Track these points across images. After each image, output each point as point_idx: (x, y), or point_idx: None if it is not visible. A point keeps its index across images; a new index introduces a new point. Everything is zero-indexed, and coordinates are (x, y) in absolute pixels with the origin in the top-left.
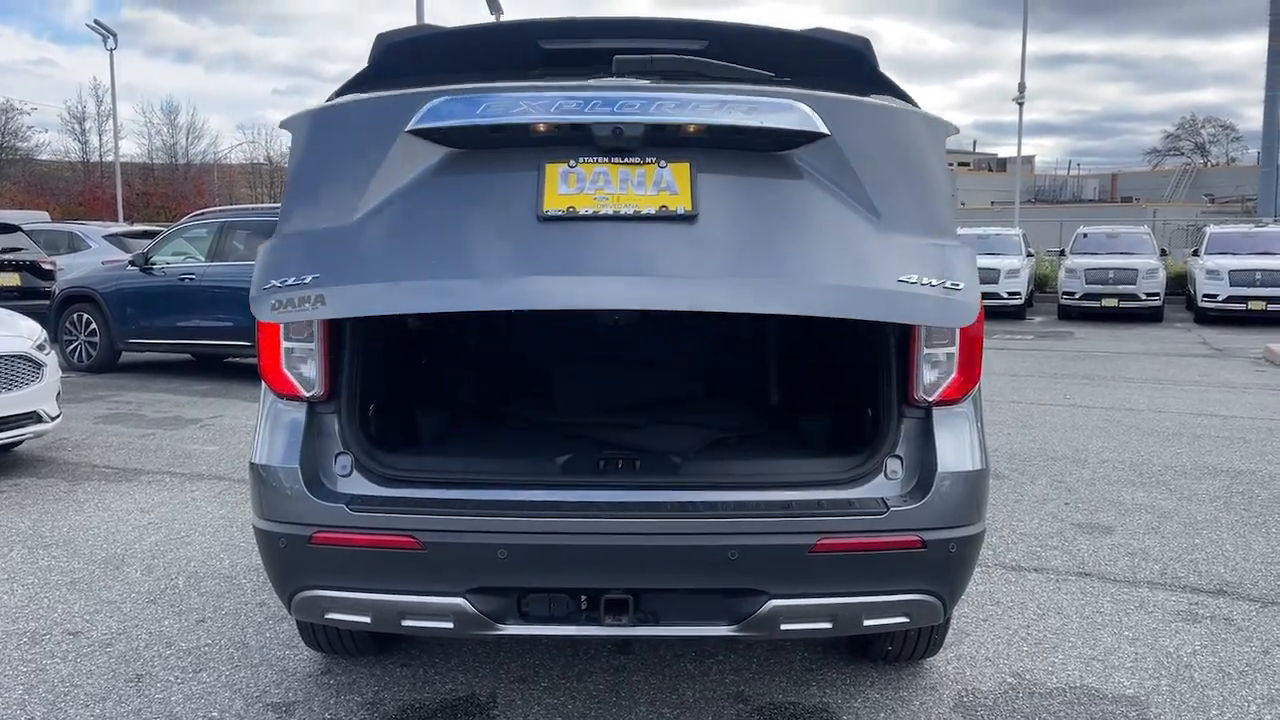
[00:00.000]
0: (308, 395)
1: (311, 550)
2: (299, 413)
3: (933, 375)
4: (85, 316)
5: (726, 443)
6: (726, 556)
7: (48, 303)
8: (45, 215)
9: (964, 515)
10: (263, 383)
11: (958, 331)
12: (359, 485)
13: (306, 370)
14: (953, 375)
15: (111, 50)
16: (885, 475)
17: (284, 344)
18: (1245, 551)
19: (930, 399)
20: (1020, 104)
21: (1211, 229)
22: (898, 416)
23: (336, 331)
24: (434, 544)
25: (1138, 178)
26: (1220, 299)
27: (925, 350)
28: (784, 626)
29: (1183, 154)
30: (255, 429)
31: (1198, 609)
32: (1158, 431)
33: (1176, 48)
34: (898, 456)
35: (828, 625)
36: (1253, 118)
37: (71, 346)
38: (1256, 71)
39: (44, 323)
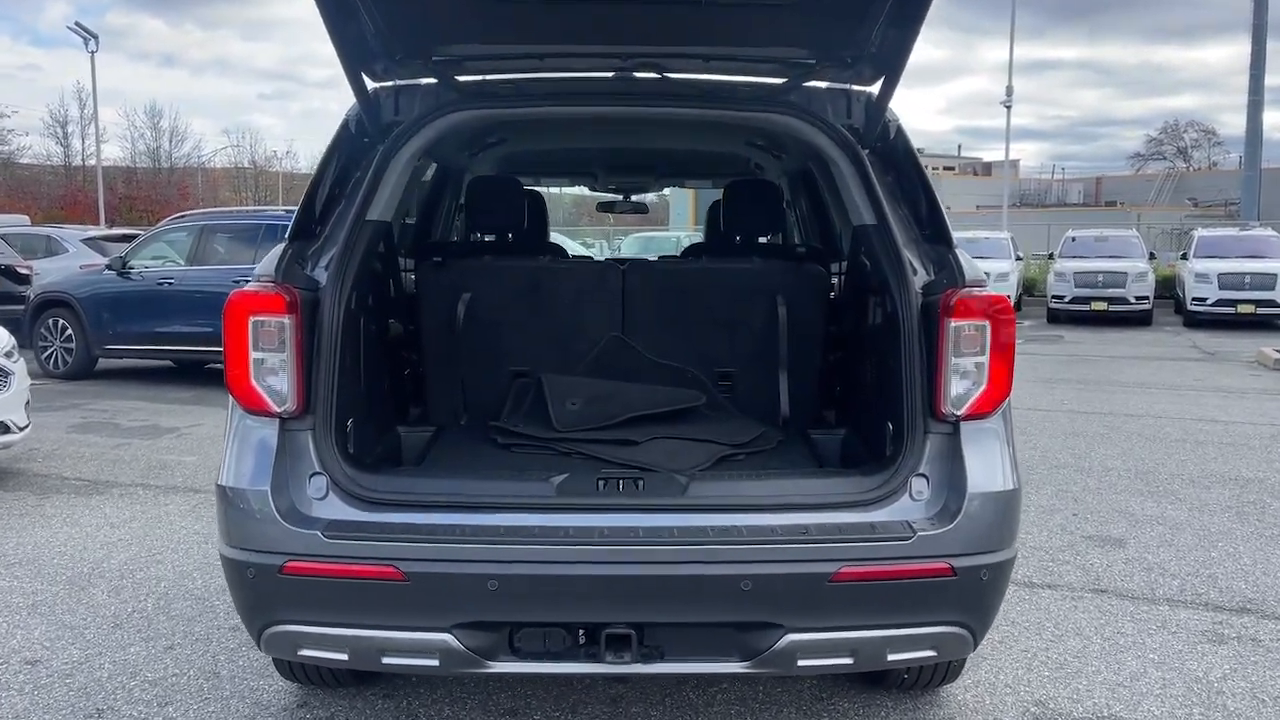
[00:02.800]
0: (279, 410)
1: (282, 581)
2: (270, 430)
3: (961, 387)
4: (61, 322)
5: (735, 460)
6: (739, 587)
7: (22, 308)
8: (25, 219)
9: (996, 539)
10: (230, 397)
11: (988, 338)
12: (335, 509)
13: (277, 383)
14: (983, 387)
15: (93, 52)
16: (910, 496)
17: (252, 354)
18: (1265, 565)
19: (959, 413)
20: (1008, 107)
21: (1200, 232)
22: (923, 432)
23: (310, 339)
24: (417, 574)
25: (1121, 181)
26: (1209, 302)
27: (954, 359)
28: (801, 662)
29: (1165, 158)
30: (223, 447)
31: (1222, 629)
32: (1160, 438)
33: (1152, 54)
34: (923, 475)
35: (849, 661)
36: (1228, 123)
37: (47, 353)
38: (1231, 78)
39: (18, 328)
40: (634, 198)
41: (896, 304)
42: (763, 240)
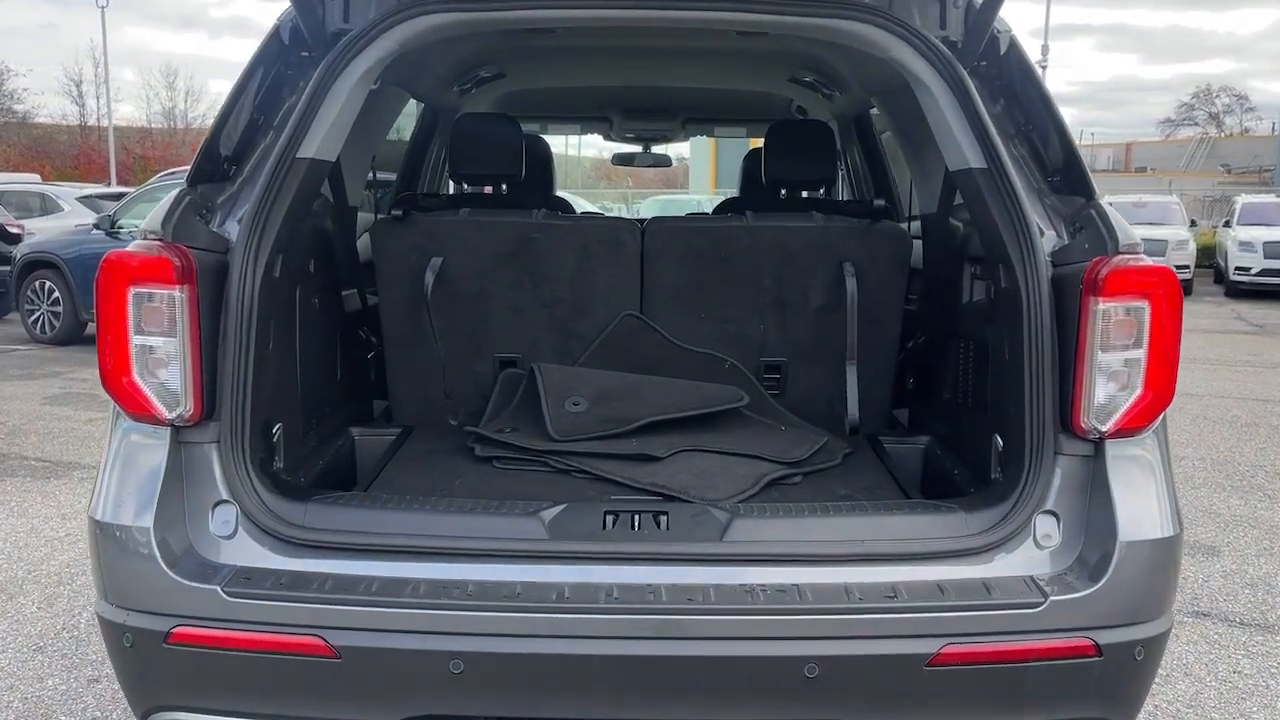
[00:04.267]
0: (170, 416)
1: (169, 653)
2: (158, 443)
3: (1108, 391)
4: (48, 284)
5: (790, 483)
6: (801, 673)
7: (9, 269)
8: (36, 177)
9: (1154, 605)
10: (110, 400)
11: (1147, 325)
12: (246, 553)
13: (169, 377)
14: (1137, 392)
15: (103, 8)
16: (1035, 542)
17: (134, 338)
18: None
19: (1104, 428)
20: (1044, 67)
21: (1243, 199)
22: (1053, 452)
23: (214, 318)
24: (352, 649)
25: (1151, 147)
26: (1254, 272)
27: (1100, 355)
28: None
29: (1197, 124)
30: (100, 465)
31: None
32: (1228, 421)
33: (1181, 19)
34: (1052, 514)
35: None
36: (1259, 89)
37: (34, 316)
38: (1262, 43)
39: (6, 289)
40: (655, 149)
41: (1016, 276)
42: (806, 195)
